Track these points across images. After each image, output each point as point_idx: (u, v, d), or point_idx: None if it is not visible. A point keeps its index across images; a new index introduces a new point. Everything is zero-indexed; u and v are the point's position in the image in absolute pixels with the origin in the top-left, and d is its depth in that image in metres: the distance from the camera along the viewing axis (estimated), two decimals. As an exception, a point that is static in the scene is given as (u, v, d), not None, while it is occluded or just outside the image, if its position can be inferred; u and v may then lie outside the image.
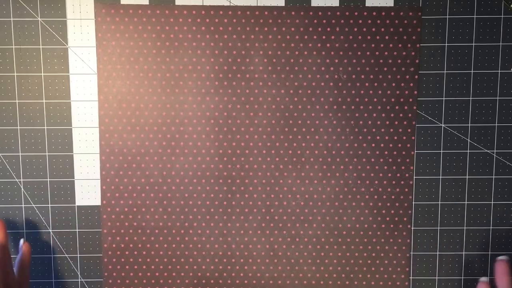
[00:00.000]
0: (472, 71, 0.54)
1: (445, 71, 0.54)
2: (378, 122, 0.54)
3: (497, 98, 0.54)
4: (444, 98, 0.54)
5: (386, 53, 0.53)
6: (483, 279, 0.51)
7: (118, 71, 0.53)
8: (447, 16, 0.53)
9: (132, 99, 0.54)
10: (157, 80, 0.53)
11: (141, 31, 0.53)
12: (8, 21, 0.53)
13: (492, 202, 0.56)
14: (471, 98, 0.54)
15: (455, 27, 0.54)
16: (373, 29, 0.53)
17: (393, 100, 0.54)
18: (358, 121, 0.54)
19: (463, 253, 0.57)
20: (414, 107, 0.54)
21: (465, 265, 0.57)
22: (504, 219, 0.56)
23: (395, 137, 0.55)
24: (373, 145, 0.55)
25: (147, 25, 0.53)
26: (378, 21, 0.53)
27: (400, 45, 0.53)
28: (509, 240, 0.56)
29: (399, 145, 0.55)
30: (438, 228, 0.56)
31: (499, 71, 0.54)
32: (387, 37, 0.53)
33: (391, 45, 0.53)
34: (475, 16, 0.53)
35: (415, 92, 0.54)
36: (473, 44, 0.54)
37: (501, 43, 0.54)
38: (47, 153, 0.55)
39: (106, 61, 0.53)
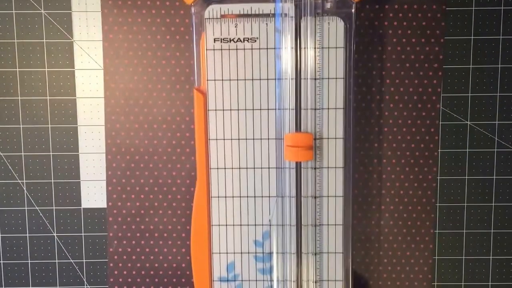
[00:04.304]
0: (499, 66, 0.53)
1: (471, 66, 0.53)
2: (400, 121, 0.53)
3: (526, 94, 0.54)
4: (470, 94, 0.54)
5: (408, 48, 0.52)
6: None
7: (125, 66, 0.52)
8: (473, 8, 0.53)
9: (140, 95, 0.52)
10: (166, 76, 0.52)
11: (149, 24, 0.52)
12: (10, 14, 0.53)
13: (522, 204, 0.55)
14: (498, 94, 0.54)
15: (481, 19, 0.53)
16: (395, 23, 0.52)
17: (415, 98, 0.53)
18: (379, 120, 0.53)
19: (490, 257, 0.56)
20: (438, 105, 0.53)
21: (492, 270, 0.56)
22: (534, 222, 0.56)
23: (418, 137, 0.53)
24: (394, 145, 0.53)
25: (156, 18, 0.52)
26: (400, 15, 0.52)
27: (423, 40, 0.52)
28: (539, 243, 0.56)
29: (422, 145, 0.53)
30: (464, 231, 0.56)
31: (528, 65, 0.54)
32: (409, 32, 0.52)
33: (413, 40, 0.52)
34: (502, 8, 0.53)
35: (439, 90, 0.53)
36: (501, 37, 0.53)
37: (530, 36, 0.53)
38: (51, 153, 0.55)
39: (113, 56, 0.52)
